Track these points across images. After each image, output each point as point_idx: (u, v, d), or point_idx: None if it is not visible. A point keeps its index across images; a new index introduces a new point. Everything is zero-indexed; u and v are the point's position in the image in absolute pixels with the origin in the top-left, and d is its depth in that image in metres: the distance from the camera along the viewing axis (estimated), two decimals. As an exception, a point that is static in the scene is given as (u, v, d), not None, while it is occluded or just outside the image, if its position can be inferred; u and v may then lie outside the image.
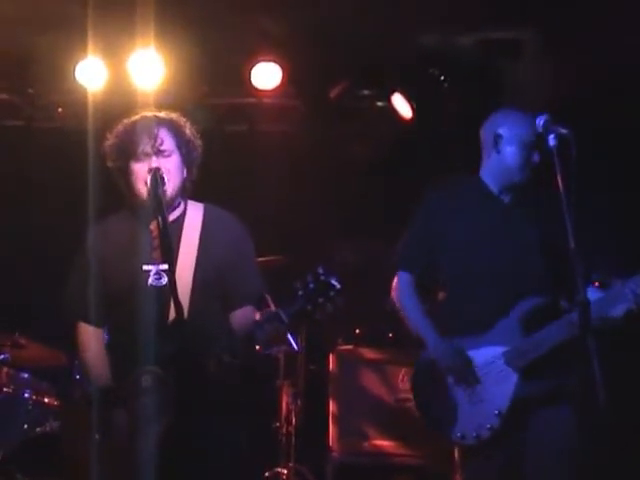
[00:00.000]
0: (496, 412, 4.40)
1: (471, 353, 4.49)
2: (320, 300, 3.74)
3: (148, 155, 4.10)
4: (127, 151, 4.14)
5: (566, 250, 3.94)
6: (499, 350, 4.45)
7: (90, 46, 6.55)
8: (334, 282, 3.74)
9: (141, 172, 4.09)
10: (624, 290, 4.27)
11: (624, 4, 5.94)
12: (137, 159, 4.11)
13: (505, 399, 4.40)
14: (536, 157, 4.52)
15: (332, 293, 3.74)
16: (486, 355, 4.46)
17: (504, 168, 4.59)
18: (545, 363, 4.38)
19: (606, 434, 3.66)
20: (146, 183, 4.05)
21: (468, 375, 4.46)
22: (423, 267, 4.73)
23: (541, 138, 4.10)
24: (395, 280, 4.78)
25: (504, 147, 4.59)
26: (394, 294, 4.77)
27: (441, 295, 4.75)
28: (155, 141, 4.10)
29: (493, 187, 4.64)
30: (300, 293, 3.74)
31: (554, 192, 3.93)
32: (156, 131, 4.12)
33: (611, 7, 5.97)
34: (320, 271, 3.75)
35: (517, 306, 4.45)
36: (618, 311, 4.27)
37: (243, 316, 4.15)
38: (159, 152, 4.11)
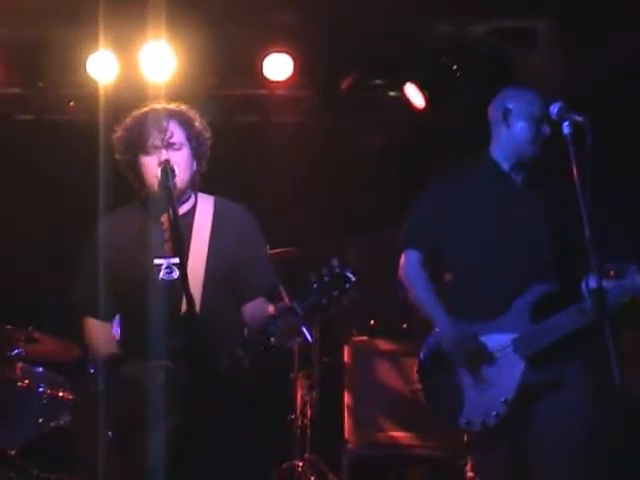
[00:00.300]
0: (502, 399, 4.37)
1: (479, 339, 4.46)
2: (335, 293, 3.70)
3: (158, 148, 4.07)
4: (136, 144, 4.12)
5: (577, 238, 3.92)
6: (508, 337, 4.41)
7: (101, 39, 6.54)
8: (349, 274, 3.70)
9: (151, 165, 4.07)
10: (635, 279, 4.26)
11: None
12: (147, 152, 4.09)
13: (512, 386, 4.37)
14: (546, 130, 4.47)
15: (347, 286, 3.70)
16: (494, 342, 4.42)
17: (514, 142, 4.56)
18: (552, 351, 4.35)
19: (621, 420, 3.61)
20: (156, 176, 4.02)
21: (482, 358, 4.42)
22: (430, 247, 4.65)
23: (555, 123, 4.07)
24: (402, 258, 4.70)
25: (514, 121, 4.55)
26: (401, 272, 4.70)
27: (447, 277, 4.71)
28: (165, 134, 4.08)
29: (504, 164, 4.59)
30: (315, 286, 3.70)
31: (567, 179, 3.89)
32: (166, 124, 4.10)
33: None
34: (335, 263, 3.71)
35: (527, 293, 4.41)
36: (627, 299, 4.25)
37: (256, 309, 4.12)
38: (169, 145, 4.08)
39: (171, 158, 4.05)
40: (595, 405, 4.37)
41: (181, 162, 4.08)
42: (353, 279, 3.70)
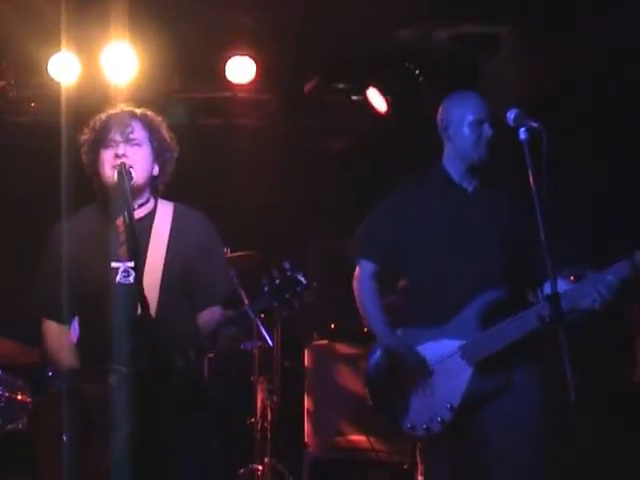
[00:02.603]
0: (448, 405, 4.37)
1: (426, 346, 4.46)
2: (286, 296, 3.71)
3: (116, 142, 4.06)
4: (98, 141, 4.11)
5: (532, 243, 3.94)
6: (456, 344, 4.42)
7: (63, 40, 6.49)
8: (300, 277, 3.71)
9: (107, 158, 4.06)
10: (590, 287, 4.24)
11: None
12: (105, 146, 4.08)
13: (458, 393, 4.38)
14: (487, 131, 4.49)
15: (298, 289, 3.71)
16: (442, 348, 4.43)
17: (458, 151, 4.57)
18: (500, 358, 4.35)
19: (574, 428, 3.65)
20: (113, 171, 4.00)
21: (417, 370, 4.43)
22: (383, 257, 4.68)
23: (511, 130, 4.09)
24: (356, 269, 4.74)
25: (454, 131, 4.58)
26: (354, 283, 4.74)
27: (401, 283, 4.71)
28: (125, 129, 4.07)
29: (454, 174, 4.61)
30: (266, 289, 3.71)
31: (522, 184, 3.91)
32: (128, 120, 4.10)
33: (591, 2, 5.98)
34: (286, 266, 3.72)
35: (475, 300, 4.41)
36: (584, 305, 4.24)
37: (209, 316, 4.12)
38: (128, 140, 4.07)
39: (129, 154, 4.04)
40: (541, 413, 4.39)
41: (138, 159, 4.07)
42: (304, 282, 3.71)
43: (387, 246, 4.66)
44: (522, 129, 3.98)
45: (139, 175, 4.06)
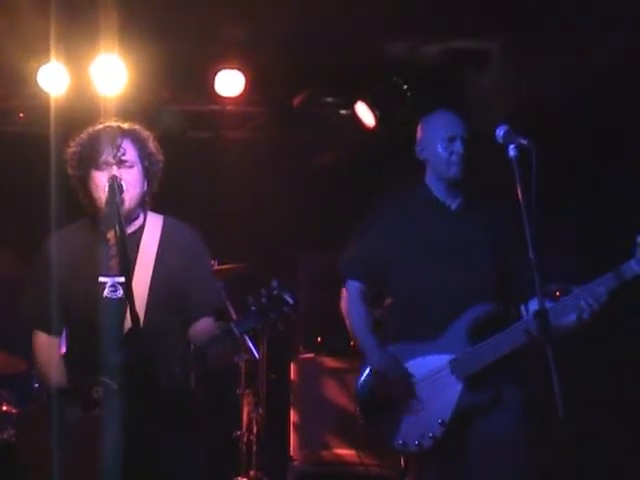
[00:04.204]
0: (439, 421, 4.38)
1: (417, 361, 4.47)
2: (272, 315, 3.71)
3: (109, 164, 4.06)
4: (89, 159, 4.10)
5: (518, 259, 3.96)
6: (445, 358, 4.42)
7: (52, 51, 6.49)
8: (287, 297, 3.70)
9: (101, 181, 4.05)
10: (578, 300, 4.27)
11: (592, 18, 5.97)
12: (98, 167, 4.08)
13: (449, 408, 4.39)
14: (458, 147, 4.51)
15: (285, 308, 3.71)
16: (431, 364, 4.44)
17: (435, 170, 4.60)
18: (490, 373, 4.36)
19: (564, 444, 3.64)
20: (104, 192, 4.01)
21: (406, 387, 4.44)
22: (369, 276, 4.69)
23: (501, 146, 4.11)
24: (344, 290, 4.76)
25: (427, 152, 4.62)
26: (342, 303, 4.76)
27: (388, 301, 4.72)
28: (117, 151, 4.07)
29: (437, 192, 4.63)
30: (253, 308, 3.72)
31: (509, 200, 3.93)
32: (119, 141, 4.09)
33: (578, 20, 6.00)
34: (274, 285, 3.72)
35: (464, 315, 4.42)
36: (569, 319, 4.26)
37: (202, 328, 4.11)
38: (121, 162, 4.07)
39: (122, 175, 4.03)
40: (527, 429, 4.40)
41: (131, 180, 4.07)
42: (291, 302, 3.71)
43: (374, 266, 4.67)
44: (511, 146, 3.99)
45: (132, 196, 4.07)
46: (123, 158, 4.07)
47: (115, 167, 4.05)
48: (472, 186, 4.61)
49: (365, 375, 4.61)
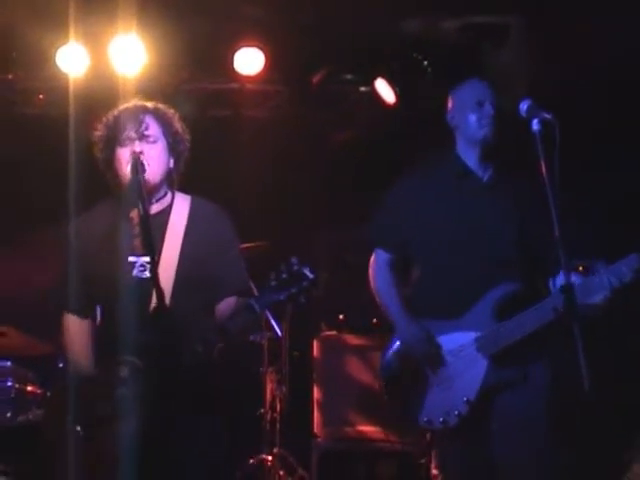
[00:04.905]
0: (465, 399, 4.37)
1: (443, 338, 4.46)
2: (293, 290, 3.72)
3: (132, 139, 4.06)
4: (113, 137, 4.11)
5: (544, 235, 3.95)
6: (471, 336, 4.42)
7: (71, 32, 6.49)
8: (307, 272, 3.72)
9: (124, 156, 4.05)
10: (603, 278, 4.25)
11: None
12: (121, 144, 4.08)
13: (474, 386, 4.38)
14: (488, 109, 4.51)
15: (305, 283, 3.72)
16: (458, 340, 4.43)
17: (466, 136, 4.59)
18: (515, 350, 4.35)
19: (590, 420, 3.65)
20: (128, 169, 4.00)
21: (436, 360, 4.44)
22: (399, 246, 4.67)
23: (524, 121, 4.09)
24: (372, 258, 4.74)
25: (458, 119, 4.62)
26: (370, 272, 4.74)
27: (415, 274, 4.70)
28: (140, 126, 4.07)
29: (469, 162, 4.60)
30: (273, 284, 3.73)
31: (538, 175, 3.91)
32: (142, 117, 4.09)
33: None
34: (293, 261, 3.73)
35: (491, 292, 4.41)
36: (596, 299, 4.25)
37: (227, 308, 4.12)
38: (143, 137, 4.07)
39: (144, 151, 4.03)
40: (551, 409, 4.39)
41: (154, 156, 4.07)
42: (311, 277, 3.73)
43: (402, 236, 4.65)
44: (535, 120, 3.97)
45: (156, 171, 4.07)
46: (146, 133, 4.07)
47: (137, 142, 4.05)
48: (502, 159, 4.59)
49: (394, 347, 4.60)
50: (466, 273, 4.46)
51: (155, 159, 4.07)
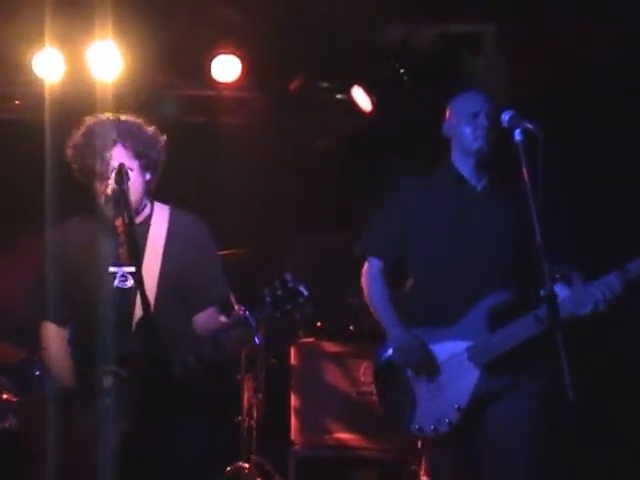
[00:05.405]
0: (456, 407, 4.38)
1: (434, 346, 4.47)
2: (288, 307, 3.76)
3: (106, 178, 4.03)
4: (85, 169, 4.11)
5: (532, 244, 3.96)
6: (463, 345, 4.42)
7: (47, 37, 6.46)
8: (302, 289, 3.75)
9: (102, 190, 4.05)
10: (593, 290, 4.28)
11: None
12: (95, 180, 4.09)
13: (466, 394, 4.39)
14: (482, 120, 4.50)
15: (301, 300, 3.76)
16: (449, 349, 4.44)
17: (461, 147, 4.59)
18: (507, 359, 4.36)
19: (574, 430, 3.66)
20: (110, 183, 3.99)
21: (428, 368, 4.45)
22: (392, 255, 4.68)
23: (506, 131, 4.10)
24: (365, 266, 4.75)
25: (453, 129, 4.61)
26: (363, 280, 4.74)
27: (409, 283, 4.71)
28: (108, 165, 4.03)
29: (463, 171, 4.61)
30: (268, 300, 3.75)
31: (521, 184, 3.93)
32: (109, 155, 4.04)
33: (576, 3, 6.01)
34: (288, 278, 3.76)
35: (483, 301, 4.42)
36: (586, 310, 4.28)
37: (207, 319, 4.13)
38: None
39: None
40: (543, 413, 4.40)
41: (131, 186, 4.01)
42: (306, 294, 3.76)
43: (395, 245, 4.67)
44: (517, 130, 4.00)
45: (135, 196, 4.06)
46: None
47: (111, 181, 4.00)
48: (496, 167, 4.60)
49: (387, 353, 4.60)
50: (459, 282, 4.46)
51: (132, 185, 4.03)
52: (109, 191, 4.01)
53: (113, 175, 3.96)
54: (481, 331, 4.41)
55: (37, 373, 5.85)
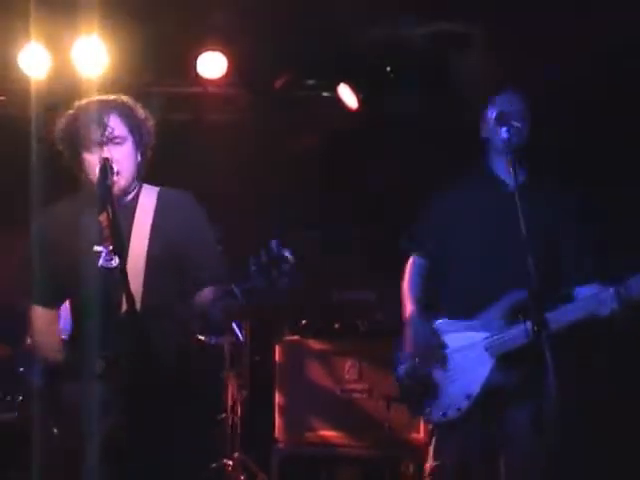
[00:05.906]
0: (467, 394, 4.51)
1: (453, 336, 4.62)
2: (274, 273, 3.62)
3: (100, 144, 4.01)
4: (77, 141, 4.05)
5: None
6: (481, 336, 4.55)
7: (33, 33, 6.45)
8: (287, 254, 3.65)
9: (93, 163, 4.00)
10: (612, 292, 4.35)
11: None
12: (88, 150, 4.03)
13: (477, 383, 4.51)
14: (515, 120, 4.54)
15: (286, 266, 3.63)
16: (467, 339, 4.57)
17: (495, 146, 4.68)
18: (522, 355, 4.44)
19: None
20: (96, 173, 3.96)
21: (436, 357, 4.57)
22: (436, 253, 4.85)
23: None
24: (409, 261, 4.92)
25: (487, 131, 4.72)
26: (405, 275, 4.90)
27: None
28: (105, 129, 4.01)
29: (498, 171, 4.72)
30: (253, 268, 3.66)
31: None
32: (106, 119, 4.04)
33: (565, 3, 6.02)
34: (273, 244, 3.66)
35: (506, 296, 4.52)
36: (605, 311, 4.35)
37: (205, 296, 4.06)
38: (110, 140, 4.02)
39: (113, 154, 3.99)
40: (559, 409, 4.44)
41: (124, 158, 4.03)
42: (292, 259, 3.64)
43: (441, 243, 4.82)
44: (503, 129, 4.04)
45: (127, 173, 4.05)
46: (112, 135, 4.02)
47: (105, 147, 4.00)
48: (531, 166, 4.68)
49: (405, 361, 4.73)
50: (488, 276, 4.59)
51: (125, 161, 4.04)
52: (93, 181, 3.97)
53: (97, 170, 3.93)
54: (499, 325, 4.53)
55: (21, 370, 5.85)
